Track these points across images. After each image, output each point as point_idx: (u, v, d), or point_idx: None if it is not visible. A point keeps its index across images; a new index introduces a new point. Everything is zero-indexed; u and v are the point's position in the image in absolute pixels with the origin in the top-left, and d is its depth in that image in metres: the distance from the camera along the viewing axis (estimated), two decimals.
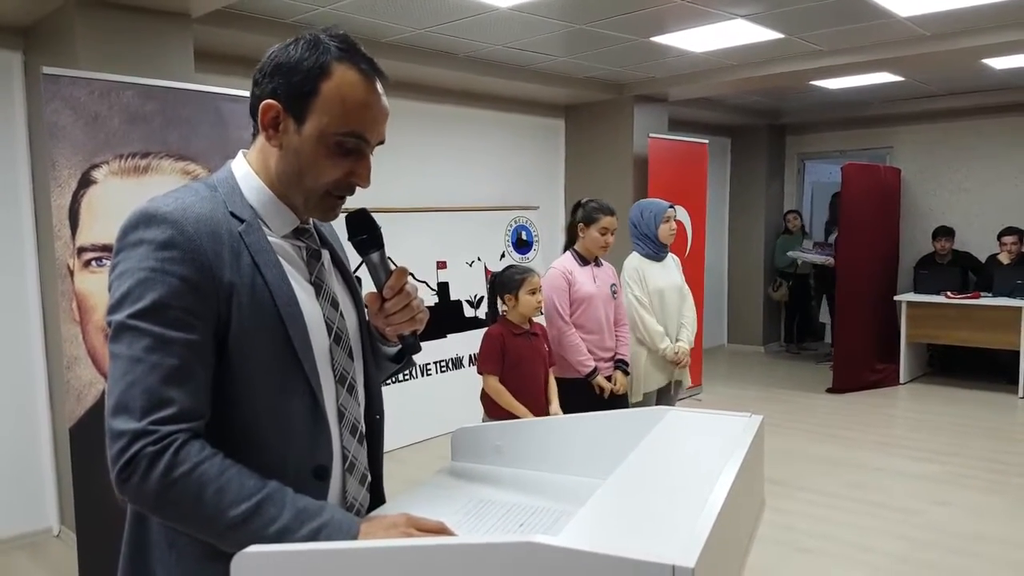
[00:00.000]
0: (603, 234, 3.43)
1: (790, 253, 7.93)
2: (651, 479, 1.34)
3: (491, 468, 1.64)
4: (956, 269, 6.78)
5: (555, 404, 3.29)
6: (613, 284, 3.58)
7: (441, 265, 5.45)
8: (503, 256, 5.86)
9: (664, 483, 1.31)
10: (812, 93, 7.01)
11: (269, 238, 1.12)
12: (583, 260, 3.48)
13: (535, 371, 3.30)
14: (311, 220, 1.22)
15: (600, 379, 3.41)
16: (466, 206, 5.76)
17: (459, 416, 2.25)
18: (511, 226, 6.00)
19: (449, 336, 5.42)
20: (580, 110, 6.79)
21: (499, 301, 3.25)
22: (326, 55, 1.08)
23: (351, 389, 1.21)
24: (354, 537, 1.00)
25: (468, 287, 5.64)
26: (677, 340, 3.81)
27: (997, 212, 7.03)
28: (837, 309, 6.71)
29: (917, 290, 6.81)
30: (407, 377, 5.14)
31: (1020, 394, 6.10)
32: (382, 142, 1.18)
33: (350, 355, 1.22)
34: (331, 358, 1.17)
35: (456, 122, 5.95)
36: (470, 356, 5.40)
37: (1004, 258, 6.63)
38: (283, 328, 1.07)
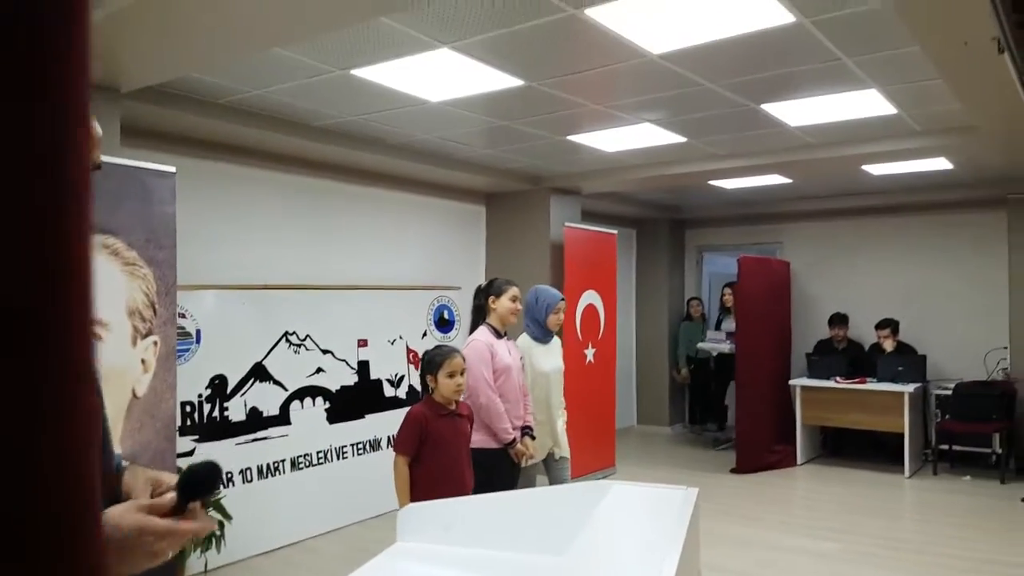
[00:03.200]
0: (514, 301, 3.70)
1: (701, 345, 8.13)
2: (602, 555, 1.42)
3: (440, 548, 1.66)
4: (845, 356, 7.27)
5: None
6: (520, 356, 3.81)
7: (362, 343, 5.43)
8: (425, 335, 5.90)
9: (615, 559, 1.39)
10: (710, 191, 7.54)
11: None
12: (497, 333, 3.68)
13: (457, 452, 3.31)
14: None
15: (519, 446, 3.57)
16: (390, 285, 5.81)
17: (378, 501, 2.21)
18: (433, 305, 6.07)
19: (367, 416, 5.35)
20: (500, 198, 7.05)
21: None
22: None
23: None
24: None
25: (389, 366, 5.63)
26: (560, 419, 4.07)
27: (878, 303, 7.62)
28: (738, 394, 7.03)
29: (810, 375, 7.25)
30: (321, 461, 5.00)
31: (906, 474, 6.50)
32: None
33: None
34: None
35: (383, 204, 6.08)
36: (388, 437, 5.34)
37: (888, 345, 7.16)
38: None
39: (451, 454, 3.24)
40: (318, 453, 5.00)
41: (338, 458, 5.16)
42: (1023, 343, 6.57)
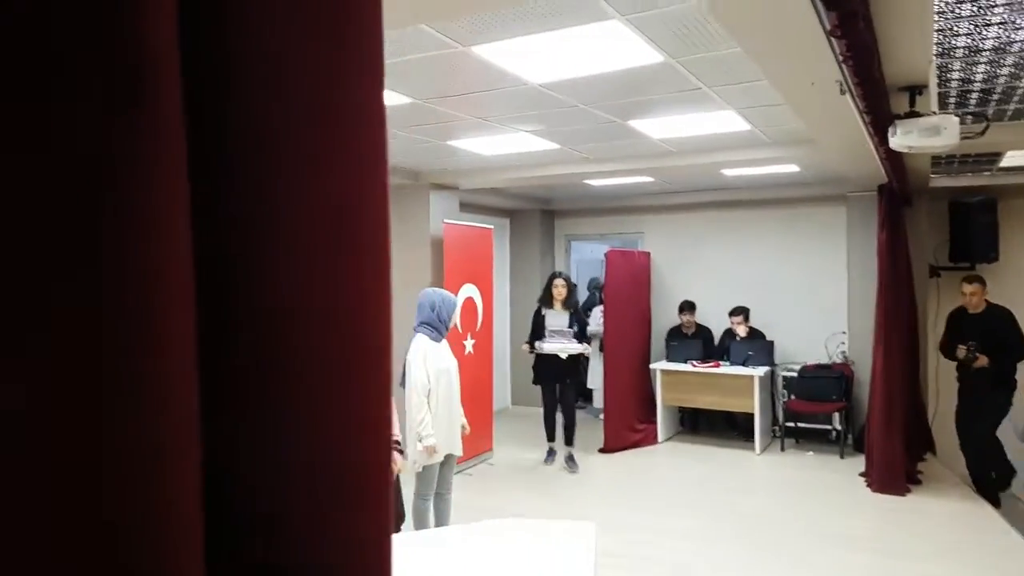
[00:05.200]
0: None
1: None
2: None
3: None
4: (699, 341, 7.83)
5: None
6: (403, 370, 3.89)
7: None
8: None
9: None
10: (579, 187, 7.88)
11: None
12: None
13: None
14: None
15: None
16: None
17: None
18: None
19: None
20: None
21: None
22: None
23: None
24: None
25: None
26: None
27: (730, 291, 8.19)
28: (605, 378, 7.38)
29: (668, 359, 7.77)
30: None
31: (757, 451, 7.09)
32: None
33: None
34: None
35: None
36: None
37: (742, 331, 7.72)
38: None
39: None
40: None
41: None
42: (860, 329, 7.17)
